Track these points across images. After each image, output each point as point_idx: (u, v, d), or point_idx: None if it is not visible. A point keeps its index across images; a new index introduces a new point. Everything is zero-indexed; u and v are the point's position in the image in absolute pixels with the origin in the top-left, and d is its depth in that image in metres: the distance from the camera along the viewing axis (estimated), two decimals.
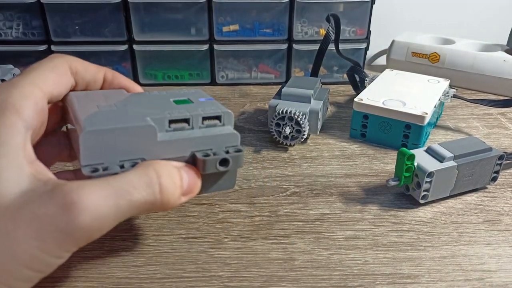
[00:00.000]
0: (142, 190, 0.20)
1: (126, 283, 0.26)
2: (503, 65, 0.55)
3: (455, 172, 0.33)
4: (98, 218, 0.19)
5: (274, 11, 0.55)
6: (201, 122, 0.24)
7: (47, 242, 0.18)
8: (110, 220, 0.20)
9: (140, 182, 0.21)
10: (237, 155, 0.24)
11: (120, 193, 0.20)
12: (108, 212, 0.19)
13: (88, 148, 0.21)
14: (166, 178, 0.21)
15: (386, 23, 0.73)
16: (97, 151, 0.21)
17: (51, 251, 0.19)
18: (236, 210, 0.33)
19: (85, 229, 0.19)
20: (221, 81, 0.59)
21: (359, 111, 0.43)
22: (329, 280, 0.26)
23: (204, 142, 0.24)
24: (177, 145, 0.23)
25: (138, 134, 0.22)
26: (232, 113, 0.25)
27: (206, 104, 0.25)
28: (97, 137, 0.21)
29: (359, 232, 0.31)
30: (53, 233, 0.18)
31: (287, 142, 0.42)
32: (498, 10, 0.77)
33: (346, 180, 0.37)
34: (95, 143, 0.21)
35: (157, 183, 0.21)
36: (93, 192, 0.19)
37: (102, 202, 0.19)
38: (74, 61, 0.25)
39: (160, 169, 0.21)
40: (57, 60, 0.24)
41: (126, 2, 0.53)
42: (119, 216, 0.20)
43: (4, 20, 0.54)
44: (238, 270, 0.27)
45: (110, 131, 0.21)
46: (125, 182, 0.20)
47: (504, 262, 0.28)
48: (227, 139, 0.24)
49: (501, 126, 0.47)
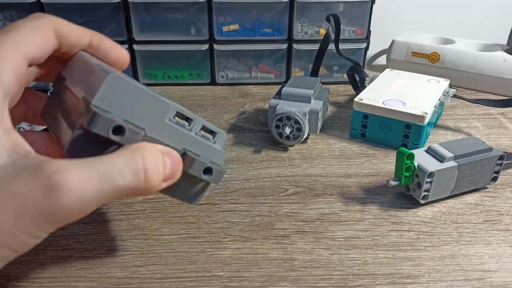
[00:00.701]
0: (127, 176, 0.20)
1: (126, 283, 0.26)
2: (503, 65, 0.55)
3: (455, 172, 0.33)
4: (81, 201, 0.19)
5: (274, 11, 0.55)
6: (199, 129, 0.25)
7: (26, 222, 0.18)
8: (93, 203, 0.19)
9: (126, 167, 0.20)
10: (220, 171, 0.26)
11: (105, 178, 0.19)
12: (91, 195, 0.19)
13: (108, 90, 0.21)
14: (151, 165, 0.21)
15: (386, 23, 0.73)
16: (113, 98, 0.21)
17: (29, 231, 0.18)
18: (236, 210, 0.33)
19: (67, 212, 0.18)
20: (221, 81, 0.59)
21: (359, 111, 0.43)
22: (329, 280, 0.26)
23: (196, 146, 0.25)
24: (176, 135, 0.24)
25: (153, 105, 0.22)
26: (225, 135, 0.26)
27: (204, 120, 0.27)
28: (120, 85, 0.21)
29: (359, 232, 0.31)
30: (34, 213, 0.18)
31: (287, 142, 0.42)
32: (498, 10, 0.77)
33: (346, 180, 0.37)
34: (115, 89, 0.21)
35: (143, 170, 0.21)
36: (77, 175, 0.19)
37: (86, 185, 0.19)
38: (58, 23, 0.23)
39: (146, 155, 0.21)
40: (41, 21, 0.23)
41: (126, 2, 0.53)
42: (102, 199, 0.20)
43: (4, 20, 0.54)
44: (238, 270, 0.27)
45: (133, 87, 0.22)
46: (110, 166, 0.20)
47: (504, 262, 0.28)
48: (215, 154, 0.26)
49: (501, 126, 0.47)
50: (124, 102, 0.21)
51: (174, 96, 0.55)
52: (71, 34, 0.24)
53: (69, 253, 0.28)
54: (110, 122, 0.21)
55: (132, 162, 0.20)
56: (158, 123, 0.23)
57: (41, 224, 0.18)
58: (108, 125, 0.21)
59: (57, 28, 0.23)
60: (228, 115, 0.50)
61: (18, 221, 0.18)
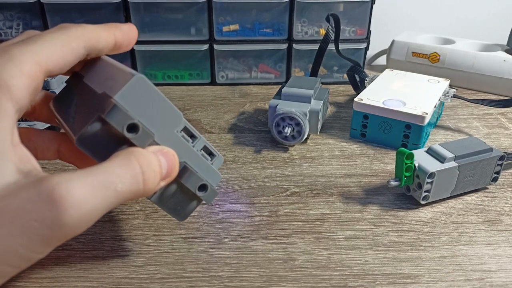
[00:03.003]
0: (127, 182, 0.20)
1: (126, 283, 0.26)
2: (503, 65, 0.55)
3: (456, 172, 0.33)
4: (87, 212, 0.19)
5: (274, 11, 0.55)
6: (201, 148, 0.26)
7: (31, 239, 0.18)
8: (98, 213, 0.20)
9: (125, 173, 0.20)
10: (214, 191, 0.26)
11: (107, 185, 0.19)
12: (96, 204, 0.19)
13: (131, 89, 0.21)
14: (147, 167, 0.21)
15: (386, 23, 0.73)
16: (133, 98, 0.22)
17: (34, 248, 0.18)
18: (236, 210, 0.33)
19: (73, 224, 0.18)
20: (221, 81, 0.59)
21: (359, 111, 0.43)
22: (329, 280, 0.26)
23: (197, 162, 0.25)
24: (181, 147, 0.24)
25: (168, 113, 0.23)
26: (223, 159, 0.27)
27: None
28: (144, 87, 0.22)
29: (359, 232, 0.31)
30: (39, 229, 0.18)
31: (287, 142, 0.42)
32: (498, 10, 0.77)
33: (346, 180, 0.37)
34: (138, 90, 0.22)
35: (141, 174, 0.21)
36: (80, 185, 0.18)
37: (90, 195, 0.19)
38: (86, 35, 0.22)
39: (141, 159, 0.21)
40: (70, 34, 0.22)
41: (126, 2, 0.53)
42: (106, 207, 0.20)
43: (4, 20, 0.54)
44: (238, 270, 0.27)
45: (155, 92, 0.22)
46: (110, 174, 0.20)
47: (504, 262, 0.28)
48: (211, 174, 0.26)
49: (501, 126, 0.47)
50: (143, 104, 0.22)
51: (174, 96, 0.55)
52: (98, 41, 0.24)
53: (69, 253, 0.28)
54: (127, 118, 0.21)
55: (129, 166, 0.21)
56: (167, 132, 0.24)
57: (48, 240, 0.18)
58: (125, 120, 0.21)
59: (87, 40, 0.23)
60: (228, 115, 0.50)
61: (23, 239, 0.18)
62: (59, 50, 0.21)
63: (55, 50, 0.21)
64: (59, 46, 0.21)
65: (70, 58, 0.22)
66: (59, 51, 0.21)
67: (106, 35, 0.24)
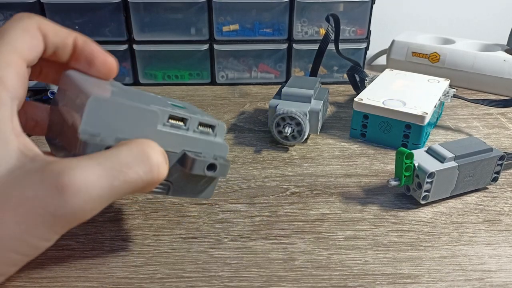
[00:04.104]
0: (139, 169, 0.20)
1: (126, 283, 0.26)
2: (503, 65, 0.55)
3: (456, 172, 0.33)
4: (91, 200, 0.18)
5: (274, 10, 0.55)
6: (197, 126, 0.25)
7: (36, 226, 0.18)
8: (104, 201, 0.19)
9: (136, 160, 0.20)
10: (224, 164, 0.25)
11: (114, 174, 0.19)
12: (101, 193, 0.19)
13: (92, 115, 0.21)
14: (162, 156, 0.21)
15: (386, 23, 0.73)
16: (99, 121, 0.21)
17: (40, 235, 0.18)
18: (236, 210, 0.33)
19: (77, 212, 0.18)
20: (221, 81, 0.59)
21: (359, 111, 0.43)
22: (329, 280, 0.26)
23: (196, 144, 0.25)
24: (173, 139, 0.24)
25: (142, 117, 0.22)
26: (225, 126, 0.26)
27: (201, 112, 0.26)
28: (104, 106, 0.21)
29: (359, 232, 0.31)
30: (43, 216, 0.18)
31: (287, 142, 0.42)
32: (498, 10, 0.77)
33: (346, 180, 0.37)
34: (99, 112, 0.21)
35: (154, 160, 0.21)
36: (85, 173, 0.18)
37: (95, 183, 0.18)
38: (43, 23, 0.23)
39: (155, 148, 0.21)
40: (28, 21, 0.23)
41: (126, 2, 0.53)
42: (113, 195, 0.20)
43: (4, 20, 0.54)
44: (238, 270, 0.27)
45: (117, 105, 0.21)
46: (118, 162, 0.19)
47: (504, 262, 0.28)
48: (217, 148, 0.25)
49: (501, 126, 0.47)
50: (111, 120, 0.21)
51: (174, 96, 0.55)
52: (55, 35, 0.23)
53: (69, 253, 0.28)
54: (100, 146, 0.21)
55: (142, 154, 0.20)
56: (151, 132, 0.23)
57: (52, 227, 0.18)
58: (99, 148, 0.21)
59: (42, 27, 0.23)
60: (228, 115, 0.50)
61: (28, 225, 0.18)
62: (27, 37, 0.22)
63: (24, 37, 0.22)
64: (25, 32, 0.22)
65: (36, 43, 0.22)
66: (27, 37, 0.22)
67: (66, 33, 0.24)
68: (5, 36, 0.21)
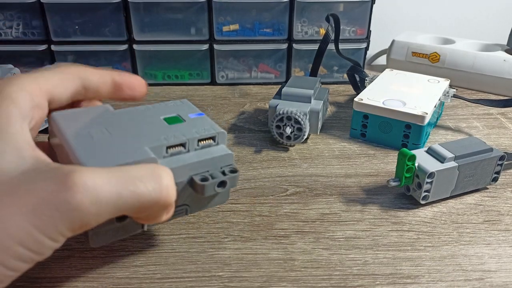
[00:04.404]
0: (149, 185, 0.20)
1: (126, 283, 0.26)
2: (503, 65, 0.55)
3: (456, 172, 0.33)
4: (97, 202, 0.19)
5: (274, 10, 0.55)
6: (197, 144, 0.24)
7: (42, 219, 0.18)
8: (110, 208, 0.19)
9: (147, 176, 0.20)
10: (234, 176, 0.25)
11: (123, 182, 0.19)
12: (108, 198, 0.19)
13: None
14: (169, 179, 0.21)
15: (386, 23, 0.73)
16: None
17: (45, 230, 0.18)
18: (236, 210, 0.33)
19: (81, 211, 0.18)
20: (221, 81, 0.59)
21: (359, 111, 0.43)
22: (329, 280, 0.26)
23: (201, 166, 0.24)
24: (177, 172, 0.23)
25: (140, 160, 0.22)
26: (226, 133, 0.25)
27: (198, 122, 0.25)
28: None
29: (359, 232, 0.31)
30: (49, 210, 0.18)
31: (288, 142, 0.42)
32: (498, 10, 0.77)
33: (346, 180, 0.37)
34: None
35: (165, 181, 0.21)
36: (95, 176, 0.19)
37: (103, 186, 0.19)
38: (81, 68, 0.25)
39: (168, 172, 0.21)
40: (66, 67, 0.25)
41: (126, 2, 0.53)
42: (120, 205, 0.20)
43: (4, 20, 0.54)
44: (238, 270, 0.27)
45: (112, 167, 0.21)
46: (128, 174, 0.20)
47: (504, 262, 0.28)
48: (222, 159, 0.25)
49: (501, 126, 0.47)
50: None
51: (174, 96, 0.55)
52: (93, 76, 0.26)
53: (69, 253, 0.28)
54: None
55: (154, 171, 0.21)
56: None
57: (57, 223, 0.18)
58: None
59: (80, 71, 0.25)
60: (228, 115, 0.50)
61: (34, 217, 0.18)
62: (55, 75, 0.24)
63: (52, 75, 0.24)
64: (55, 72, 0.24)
65: (67, 83, 0.24)
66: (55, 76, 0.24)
67: (102, 73, 0.26)
68: (34, 72, 0.24)
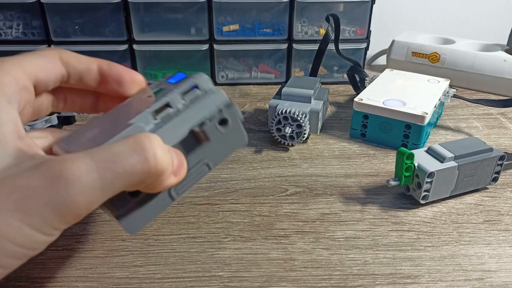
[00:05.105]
0: (132, 159, 0.19)
1: (126, 283, 0.26)
2: (503, 65, 0.55)
3: (455, 172, 0.33)
4: (83, 192, 0.18)
5: (274, 11, 0.55)
6: (182, 98, 0.23)
7: (30, 215, 0.18)
8: (98, 194, 0.19)
9: (128, 149, 0.19)
10: (232, 110, 0.23)
11: (105, 165, 0.19)
12: (93, 185, 0.18)
13: None
14: (160, 148, 0.20)
15: (386, 23, 0.73)
16: None
17: (35, 225, 0.18)
18: (236, 210, 0.33)
19: (70, 204, 0.18)
20: (221, 81, 0.59)
21: (359, 111, 0.43)
22: (329, 280, 0.26)
23: (195, 115, 0.23)
24: (171, 132, 0.22)
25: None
26: (207, 76, 0.24)
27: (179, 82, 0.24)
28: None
29: (359, 232, 0.31)
30: (36, 205, 0.18)
31: (288, 142, 0.42)
32: (498, 10, 0.77)
33: (346, 180, 0.37)
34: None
35: (150, 150, 0.20)
36: (75, 165, 0.18)
37: (86, 175, 0.18)
38: (65, 52, 0.24)
39: (153, 139, 0.20)
40: (47, 50, 0.24)
41: (126, 2, 0.53)
42: (108, 189, 0.19)
43: (4, 20, 0.54)
44: (238, 270, 0.27)
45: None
46: (110, 153, 0.19)
47: (504, 262, 0.28)
48: (213, 100, 0.23)
49: (501, 126, 0.47)
50: None
51: None
52: (78, 62, 0.24)
53: (69, 253, 0.28)
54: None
55: (137, 143, 0.20)
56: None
57: (47, 218, 0.18)
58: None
59: (63, 56, 0.24)
60: None
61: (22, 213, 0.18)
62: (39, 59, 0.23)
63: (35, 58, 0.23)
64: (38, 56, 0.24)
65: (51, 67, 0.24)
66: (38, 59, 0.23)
67: (88, 59, 0.25)
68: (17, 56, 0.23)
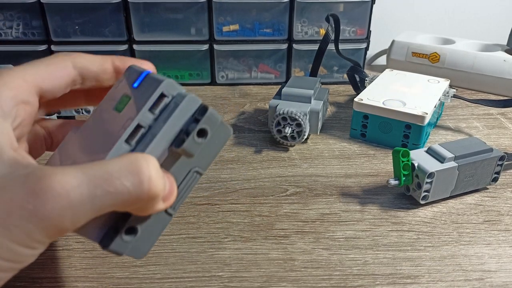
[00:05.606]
0: (126, 180, 0.19)
1: (126, 283, 0.26)
2: (503, 65, 0.55)
3: (455, 172, 0.33)
4: (70, 207, 0.18)
5: (274, 11, 0.55)
6: (152, 113, 0.21)
7: (11, 230, 0.17)
8: (86, 210, 0.18)
9: (124, 170, 0.19)
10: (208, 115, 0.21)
11: (97, 182, 0.18)
12: (81, 201, 0.18)
13: None
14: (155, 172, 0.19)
15: (386, 23, 0.73)
16: None
17: (18, 240, 0.18)
18: (236, 210, 0.33)
19: (55, 218, 0.18)
20: (221, 81, 0.59)
21: (359, 111, 0.43)
22: (329, 280, 0.26)
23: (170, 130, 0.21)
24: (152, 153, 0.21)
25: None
26: (171, 80, 0.21)
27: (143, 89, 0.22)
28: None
29: (359, 232, 0.31)
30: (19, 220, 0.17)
31: (288, 142, 0.42)
32: (498, 10, 0.77)
33: (346, 180, 0.37)
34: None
35: (146, 173, 0.19)
36: (65, 179, 0.18)
37: (74, 190, 0.18)
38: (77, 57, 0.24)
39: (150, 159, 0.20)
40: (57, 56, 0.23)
41: (126, 2, 0.53)
42: (97, 206, 0.18)
43: (4, 20, 0.54)
44: (238, 270, 0.27)
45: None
46: (103, 171, 0.18)
47: (504, 262, 0.28)
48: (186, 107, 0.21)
49: (501, 126, 0.47)
50: None
51: None
52: (92, 65, 0.24)
53: (69, 253, 0.28)
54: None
55: (133, 164, 0.19)
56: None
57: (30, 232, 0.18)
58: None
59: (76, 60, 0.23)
60: (228, 115, 0.50)
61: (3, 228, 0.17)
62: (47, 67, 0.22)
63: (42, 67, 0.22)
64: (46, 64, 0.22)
65: (61, 74, 0.23)
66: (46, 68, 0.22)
67: (101, 59, 0.24)
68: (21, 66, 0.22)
